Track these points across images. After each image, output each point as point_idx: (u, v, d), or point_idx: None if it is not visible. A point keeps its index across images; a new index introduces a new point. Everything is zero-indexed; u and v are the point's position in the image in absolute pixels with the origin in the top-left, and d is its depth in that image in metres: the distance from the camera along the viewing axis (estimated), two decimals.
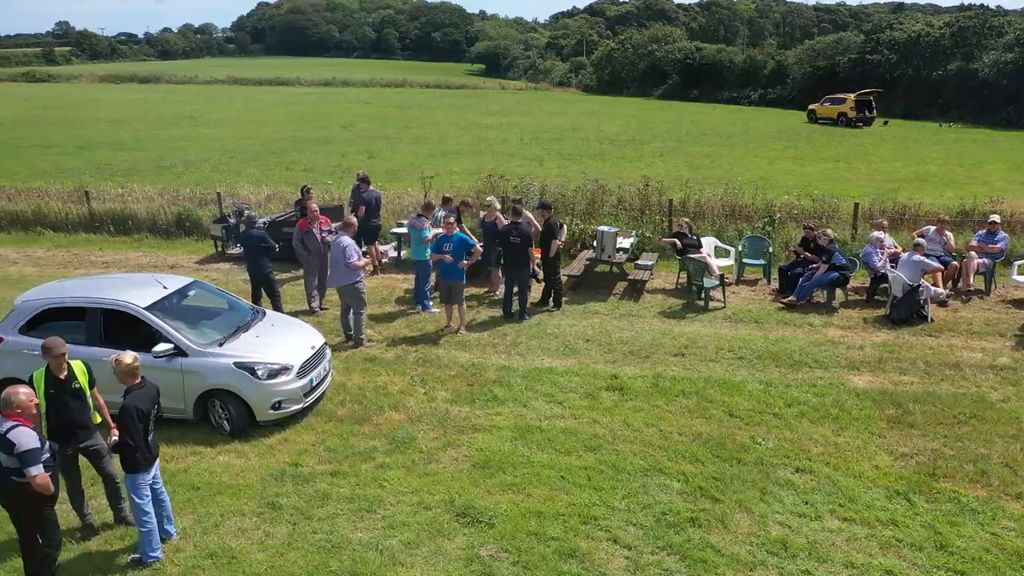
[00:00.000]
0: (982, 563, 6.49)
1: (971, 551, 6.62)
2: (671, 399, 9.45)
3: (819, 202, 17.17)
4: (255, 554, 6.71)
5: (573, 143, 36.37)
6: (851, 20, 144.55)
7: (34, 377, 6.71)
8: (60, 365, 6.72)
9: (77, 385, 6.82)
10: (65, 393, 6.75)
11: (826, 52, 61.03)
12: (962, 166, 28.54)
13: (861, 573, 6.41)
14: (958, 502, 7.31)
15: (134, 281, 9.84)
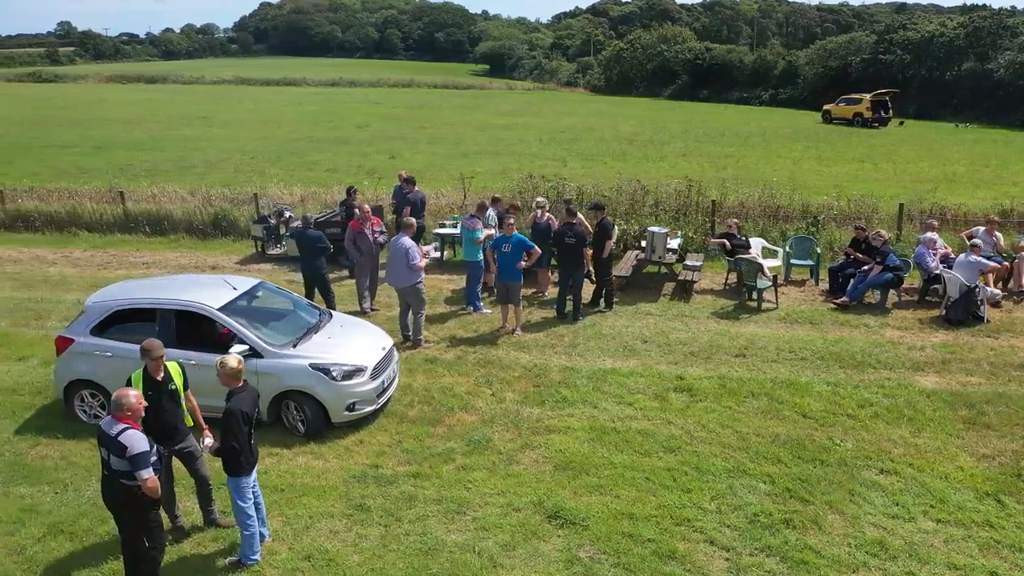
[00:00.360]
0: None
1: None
2: (741, 400, 9.42)
3: (857, 202, 17.16)
4: (351, 556, 6.69)
5: (591, 143, 36.33)
6: (854, 20, 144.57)
7: (132, 379, 6.68)
8: (158, 367, 6.69)
9: (173, 387, 6.80)
10: (162, 395, 6.72)
11: (838, 52, 60.99)
12: (988, 167, 28.51)
13: (965, 574, 6.38)
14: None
15: (203, 282, 9.83)
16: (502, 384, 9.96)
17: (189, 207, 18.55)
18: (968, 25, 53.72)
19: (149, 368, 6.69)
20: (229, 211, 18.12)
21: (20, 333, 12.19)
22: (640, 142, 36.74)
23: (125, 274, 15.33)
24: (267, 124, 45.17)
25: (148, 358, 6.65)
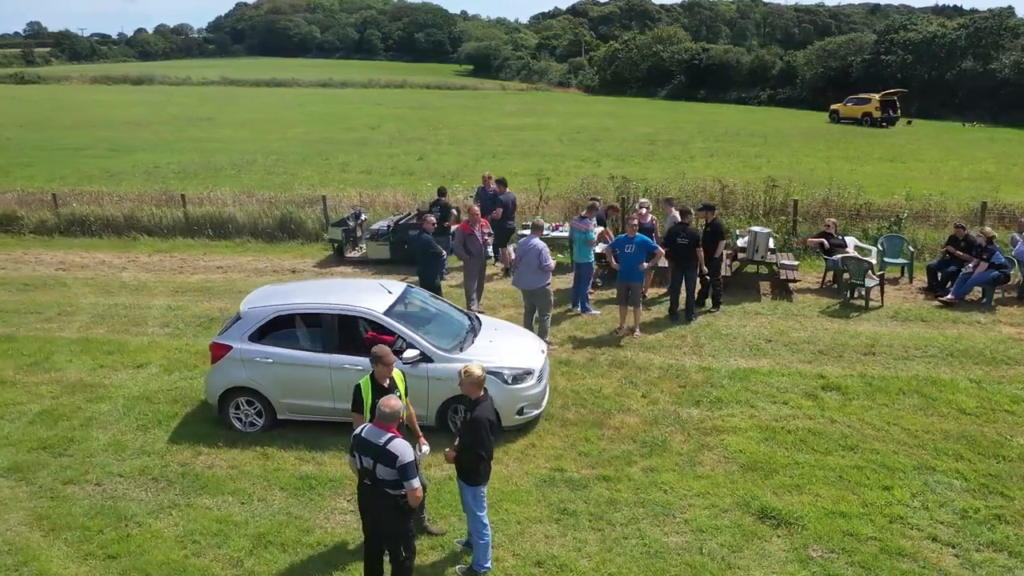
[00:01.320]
0: None
1: None
2: (893, 398, 9.48)
3: (921, 201, 17.36)
4: (579, 561, 6.63)
5: (614, 144, 36.41)
6: (831, 21, 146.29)
7: (362, 385, 6.56)
8: (386, 374, 6.59)
9: (398, 393, 6.69)
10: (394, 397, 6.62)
11: (838, 53, 61.75)
12: (1016, 165, 28.97)
13: None
14: None
15: (359, 286, 9.72)
16: (648, 385, 9.94)
17: (252, 210, 18.31)
18: (969, 26, 54.65)
19: (377, 374, 6.58)
20: (295, 214, 17.91)
21: (124, 340, 11.96)
22: (662, 142, 36.89)
23: (202, 279, 15.17)
24: (276, 125, 44.78)
25: (380, 364, 6.54)
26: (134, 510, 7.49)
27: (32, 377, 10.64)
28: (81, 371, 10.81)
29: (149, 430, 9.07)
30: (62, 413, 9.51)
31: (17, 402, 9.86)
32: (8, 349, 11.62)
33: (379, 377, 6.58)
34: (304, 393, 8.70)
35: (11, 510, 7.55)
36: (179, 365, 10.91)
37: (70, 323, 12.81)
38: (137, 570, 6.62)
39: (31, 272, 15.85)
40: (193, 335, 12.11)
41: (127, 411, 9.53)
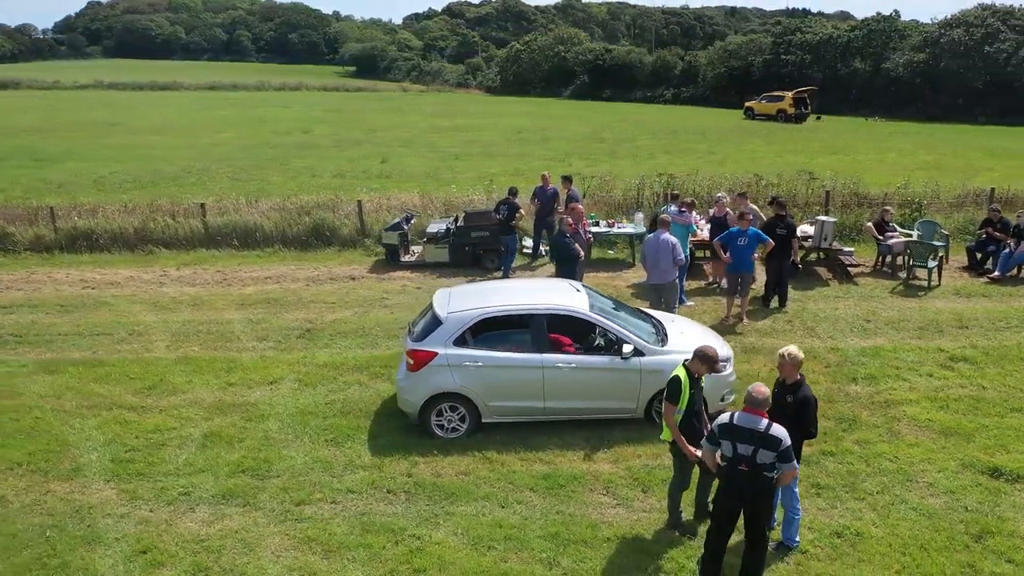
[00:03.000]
0: None
1: None
2: (1019, 364, 10.47)
3: (910, 190, 18.94)
4: (870, 528, 7.07)
5: (565, 143, 37.03)
6: (696, 23, 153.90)
7: (681, 378, 6.71)
8: (705, 370, 6.79)
9: (702, 384, 6.92)
10: (700, 391, 6.84)
11: (738, 53, 65.17)
12: (946, 154, 31.79)
13: None
14: None
15: (547, 285, 9.79)
16: (819, 367, 10.48)
17: (276, 218, 17.63)
18: (863, 28, 59.15)
19: (694, 369, 6.77)
20: (329, 220, 17.40)
21: (231, 357, 11.40)
22: (611, 140, 37.91)
23: (259, 290, 14.54)
24: (200, 131, 42.62)
25: (707, 364, 6.73)
26: (401, 523, 7.32)
27: (160, 401, 10.01)
28: (211, 391, 10.27)
29: (343, 444, 8.79)
30: (232, 435, 9.04)
31: (168, 427, 9.29)
32: (108, 373, 10.84)
33: (695, 371, 6.77)
34: (514, 395, 8.70)
35: (265, 536, 7.20)
36: (316, 379, 10.54)
37: (151, 343, 12.05)
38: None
39: (55, 292, 14.68)
40: (303, 348, 11.69)
41: (302, 428, 9.18)
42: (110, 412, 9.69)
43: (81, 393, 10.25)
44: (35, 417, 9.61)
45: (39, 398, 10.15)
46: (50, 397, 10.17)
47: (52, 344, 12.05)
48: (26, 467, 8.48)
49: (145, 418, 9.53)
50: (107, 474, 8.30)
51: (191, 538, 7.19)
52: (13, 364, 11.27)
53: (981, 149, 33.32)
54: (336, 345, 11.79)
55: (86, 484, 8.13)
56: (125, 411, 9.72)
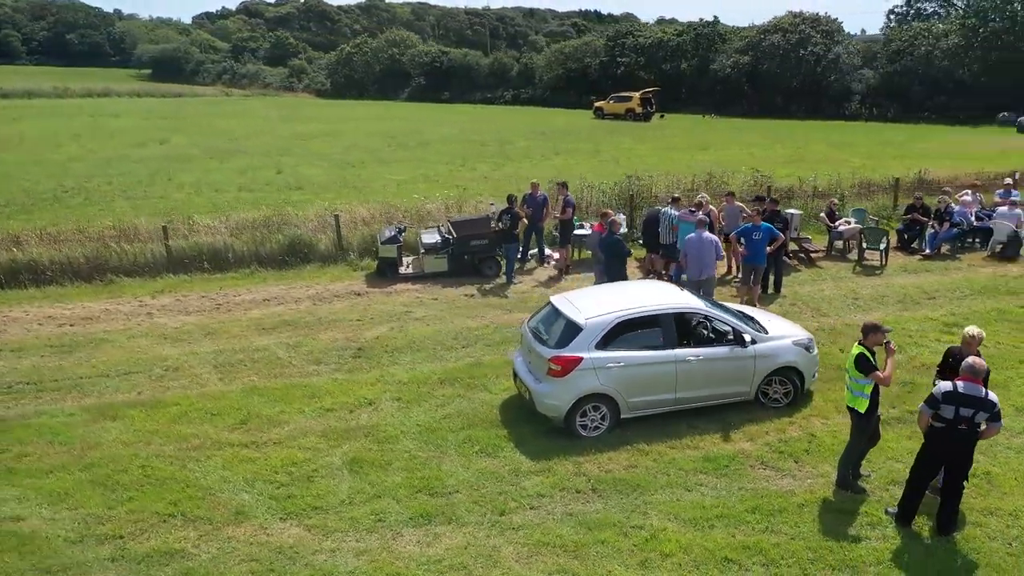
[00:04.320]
0: None
1: None
2: (1013, 324, 12.60)
3: (815, 180, 21.56)
4: (992, 469, 8.54)
5: (447, 145, 37.48)
6: (498, 24, 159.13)
7: (867, 353, 7.70)
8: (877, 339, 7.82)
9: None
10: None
11: (575, 55, 68.45)
12: (801, 147, 35.70)
13: None
14: None
15: (655, 286, 10.50)
16: (830, 341, 11.96)
17: (247, 237, 16.88)
18: (690, 32, 64.22)
19: (871, 342, 7.79)
20: (304, 237, 16.92)
21: (303, 382, 11.10)
22: (494, 143, 38.80)
23: (269, 314, 14.02)
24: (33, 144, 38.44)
25: (878, 333, 7.75)
26: (614, 517, 7.78)
27: (267, 434, 9.66)
28: (313, 419, 10.05)
29: (496, 454, 9.05)
30: (376, 459, 9.00)
31: (301, 460, 9.04)
32: (183, 413, 10.23)
33: (872, 344, 7.83)
34: (651, 389, 9.40)
35: (497, 547, 7.43)
36: (412, 396, 10.58)
37: (199, 377, 11.40)
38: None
39: (28, 333, 13.25)
40: (370, 367, 11.60)
41: (442, 444, 9.31)
42: (223, 451, 9.24)
43: (171, 436, 9.63)
44: (141, 466, 8.97)
45: (124, 445, 9.44)
46: (138, 444, 9.48)
47: (82, 389, 11.06)
48: (181, 517, 8.01)
49: (268, 453, 9.20)
50: (279, 512, 8.05)
51: (425, 560, 7.27)
52: (59, 414, 10.28)
53: (823, 142, 37.78)
54: (400, 361, 11.80)
55: (264, 525, 7.85)
56: (240, 449, 9.31)
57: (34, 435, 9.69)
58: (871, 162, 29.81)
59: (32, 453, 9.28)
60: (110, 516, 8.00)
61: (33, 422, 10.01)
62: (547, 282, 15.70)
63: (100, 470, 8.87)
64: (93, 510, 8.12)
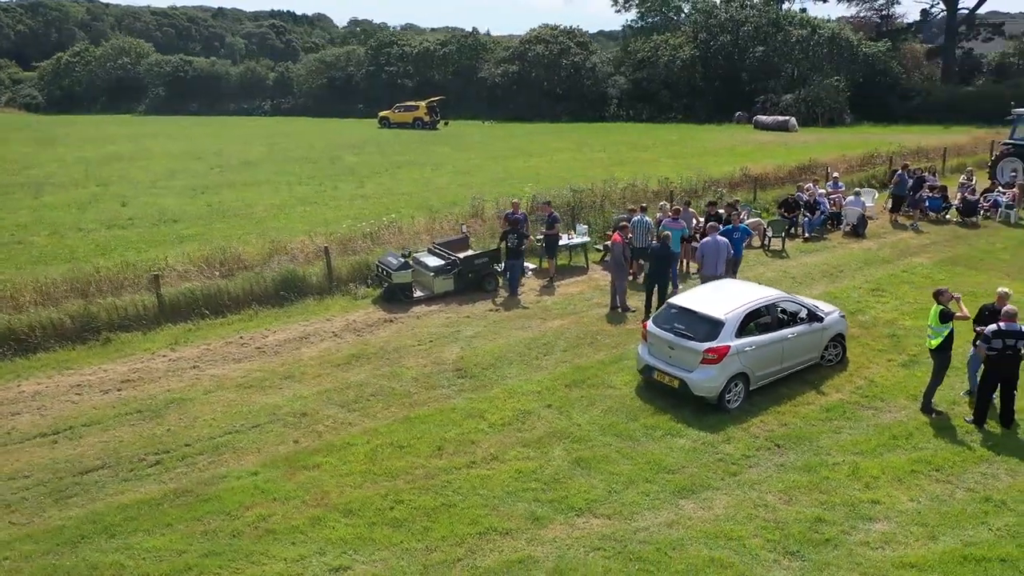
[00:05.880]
0: None
1: None
2: (919, 286, 16.92)
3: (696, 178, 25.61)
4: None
5: (279, 165, 36.46)
6: (190, 24, 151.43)
7: (944, 310, 10.91)
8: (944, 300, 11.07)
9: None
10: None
11: (338, 64, 68.19)
12: (605, 151, 40.16)
13: None
14: None
15: (742, 284, 13.00)
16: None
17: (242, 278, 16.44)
18: (455, 43, 67.04)
19: (943, 300, 11.04)
20: (299, 272, 16.88)
21: (448, 407, 12.03)
22: (321, 159, 38.39)
23: (324, 350, 14.28)
24: None
25: (945, 296, 11.01)
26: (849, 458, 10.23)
27: (469, 455, 10.61)
28: (496, 435, 11.11)
29: (682, 432, 11.01)
30: (596, 455, 10.47)
31: (533, 468, 10.21)
32: (372, 451, 10.70)
33: (945, 302, 11.08)
34: (769, 364, 11.97)
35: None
36: (563, 401, 12.01)
37: (336, 419, 11.71)
38: None
39: (77, 407, 12.28)
40: (486, 386, 12.67)
41: (637, 433, 11.04)
42: (454, 475, 10.06)
43: (390, 472, 10.18)
44: (398, 501, 9.57)
45: (358, 488, 9.88)
46: (371, 484, 9.97)
47: (230, 448, 10.90)
48: (494, 532, 8.97)
49: (496, 468, 10.22)
50: (570, 511, 9.33)
51: (721, 518, 9.13)
52: (243, 474, 10.21)
53: (622, 144, 42.86)
54: (508, 375, 13.05)
55: (568, 522, 9.12)
56: (466, 470, 10.18)
57: (248, 497, 9.72)
58: (674, 161, 35.08)
59: (275, 513, 9.39)
60: (429, 546, 8.72)
61: (230, 486, 9.91)
62: (543, 291, 17.48)
63: (369, 514, 9.33)
64: (409, 544, 8.76)
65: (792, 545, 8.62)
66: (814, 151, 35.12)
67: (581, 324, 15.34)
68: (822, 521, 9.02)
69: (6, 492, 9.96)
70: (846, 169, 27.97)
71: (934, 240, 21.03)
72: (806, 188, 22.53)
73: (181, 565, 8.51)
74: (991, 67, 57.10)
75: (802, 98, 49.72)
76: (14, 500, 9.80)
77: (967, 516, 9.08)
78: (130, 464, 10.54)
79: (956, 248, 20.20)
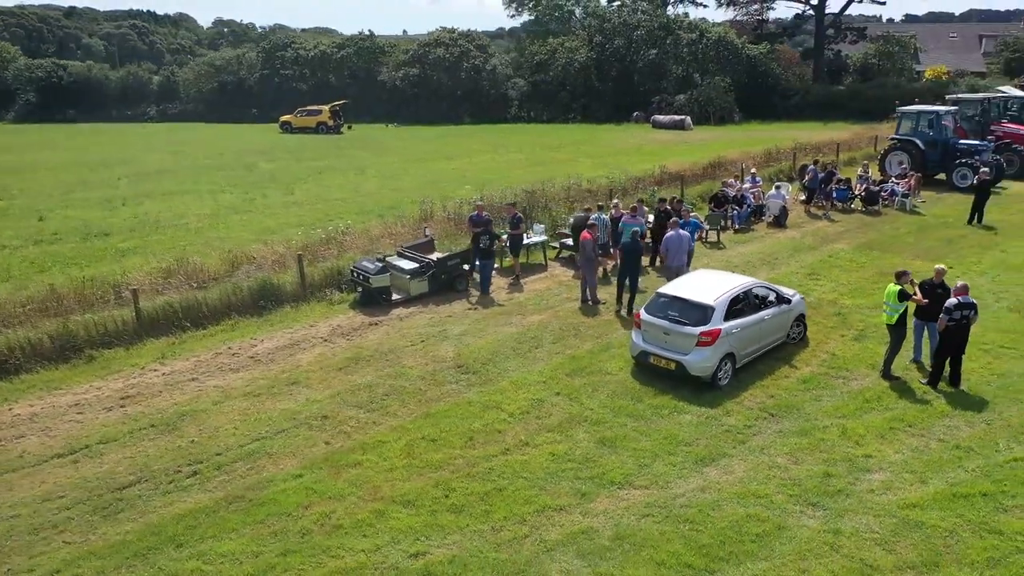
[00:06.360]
0: None
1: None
2: (860, 263, 18.86)
3: (596, 180, 27.02)
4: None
5: (191, 173, 35.39)
6: (40, 25, 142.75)
7: (900, 289, 12.53)
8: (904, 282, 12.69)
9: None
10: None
11: (228, 68, 66.07)
12: (523, 151, 41.18)
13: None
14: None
15: (719, 273, 14.21)
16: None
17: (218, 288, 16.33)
18: (351, 45, 66.24)
19: (903, 281, 12.66)
20: (274, 280, 16.90)
21: (464, 400, 12.65)
22: (233, 166, 37.45)
23: (319, 356, 14.56)
24: None
25: (904, 278, 12.64)
26: (837, 422, 11.62)
27: (498, 444, 11.34)
28: (519, 424, 11.86)
29: (686, 409, 12.12)
30: (619, 435, 11.43)
31: (565, 450, 11.08)
32: (407, 445, 11.23)
33: (904, 283, 12.71)
34: (750, 343, 13.27)
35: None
36: (566, 389, 12.89)
37: (358, 419, 12.10)
38: None
39: (85, 426, 12.12)
40: (492, 378, 13.43)
41: (647, 414, 12.06)
42: (493, 462, 10.78)
43: (433, 464, 10.78)
44: (451, 491, 10.19)
45: (408, 480, 10.42)
46: (427, 477, 10.52)
47: (266, 455, 11.16)
48: (554, 509, 9.77)
49: (530, 453, 10.99)
50: (625, 484, 10.25)
51: (744, 479, 10.29)
52: (288, 478, 10.53)
53: (535, 145, 44.02)
54: (509, 368, 13.77)
55: (613, 494, 10.05)
56: (503, 456, 10.91)
57: (303, 497, 10.06)
58: (591, 160, 36.63)
59: (335, 510, 9.79)
60: (494, 527, 9.42)
61: (280, 489, 10.22)
62: (512, 289, 18.26)
63: (428, 503, 9.90)
64: (475, 527, 9.41)
65: (812, 497, 9.84)
66: (716, 148, 37.47)
67: (559, 318, 16.23)
68: (830, 476, 10.31)
69: (46, 513, 9.86)
70: (752, 165, 30.11)
71: (847, 228, 23.27)
72: (731, 184, 24.37)
73: (262, 565, 8.81)
74: (856, 67, 62.28)
75: (695, 98, 52.64)
76: (59, 520, 9.72)
77: (945, 462, 10.60)
78: (167, 477, 10.61)
79: (867, 234, 22.46)
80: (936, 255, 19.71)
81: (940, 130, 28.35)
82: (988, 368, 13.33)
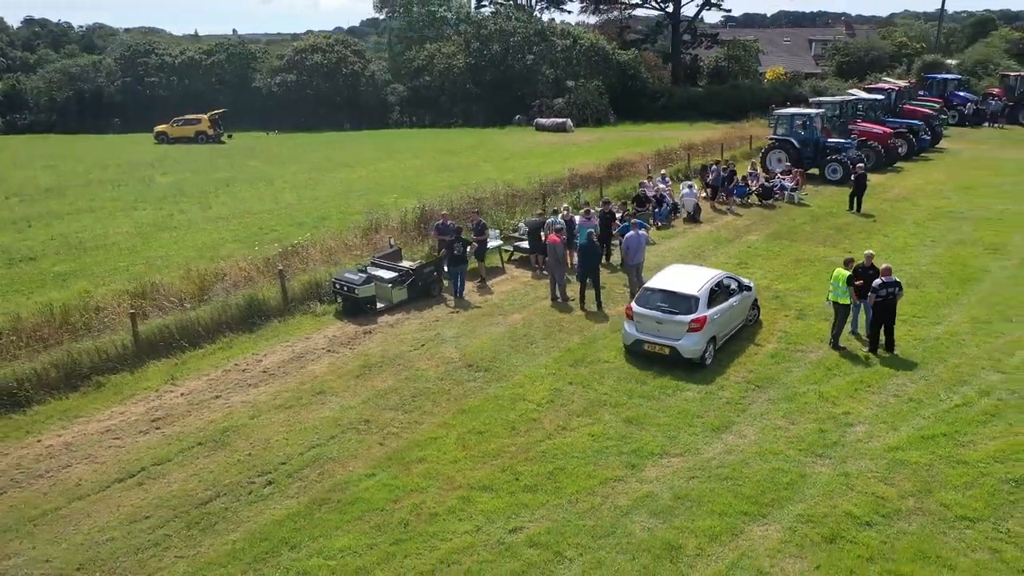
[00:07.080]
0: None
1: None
2: (775, 257, 21.46)
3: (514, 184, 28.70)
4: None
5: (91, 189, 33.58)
6: None
7: (842, 275, 14.96)
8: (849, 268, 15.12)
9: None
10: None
11: (84, 75, 61.96)
12: (419, 156, 41.86)
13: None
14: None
15: (693, 267, 16.09)
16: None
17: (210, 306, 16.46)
18: (221, 51, 63.74)
19: (849, 267, 15.08)
20: (260, 295, 17.19)
21: (488, 396, 13.85)
22: (131, 181, 35.81)
23: (329, 367, 15.21)
24: None
25: (848, 266, 15.06)
26: (811, 388, 13.74)
27: (536, 432, 12.71)
28: (544, 413, 13.29)
29: (686, 387, 13.96)
30: (643, 415, 13.07)
31: (603, 432, 12.59)
32: (461, 438, 12.33)
33: (850, 269, 15.14)
34: (724, 327, 15.27)
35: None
36: (574, 379, 14.39)
37: (405, 421, 13.06)
38: None
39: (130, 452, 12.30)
40: (505, 374, 14.71)
41: (655, 394, 13.78)
42: (554, 439, 12.14)
43: (483, 454, 11.97)
44: (556, 469, 11.43)
45: (468, 472, 11.55)
46: (505, 460, 11.66)
47: (332, 460, 11.91)
48: (612, 481, 11.24)
49: (573, 437, 12.43)
50: (645, 458, 11.86)
51: (758, 441, 12.22)
52: (363, 479, 11.38)
53: (431, 150, 44.78)
54: (513, 364, 15.04)
55: (663, 463, 11.67)
56: (548, 442, 12.30)
57: (389, 493, 10.97)
58: (493, 165, 38.15)
59: (424, 501, 10.78)
60: (571, 500, 10.79)
61: (363, 487, 11.09)
62: (481, 292, 19.43)
63: (503, 486, 11.08)
64: (554, 502, 10.72)
65: (816, 450, 11.88)
66: (604, 149, 40.00)
67: (538, 315, 17.64)
68: (823, 431, 12.41)
69: (140, 534, 10.22)
70: (653, 165, 32.74)
71: (752, 221, 26.13)
72: (647, 184, 26.67)
73: (381, 555, 9.71)
74: (709, 70, 67.51)
75: (572, 101, 55.34)
76: (157, 538, 10.12)
77: (906, 412, 12.99)
78: (243, 488, 11.15)
79: (771, 226, 25.38)
80: (833, 242, 22.81)
81: (812, 130, 32.09)
82: (910, 335, 16.03)
